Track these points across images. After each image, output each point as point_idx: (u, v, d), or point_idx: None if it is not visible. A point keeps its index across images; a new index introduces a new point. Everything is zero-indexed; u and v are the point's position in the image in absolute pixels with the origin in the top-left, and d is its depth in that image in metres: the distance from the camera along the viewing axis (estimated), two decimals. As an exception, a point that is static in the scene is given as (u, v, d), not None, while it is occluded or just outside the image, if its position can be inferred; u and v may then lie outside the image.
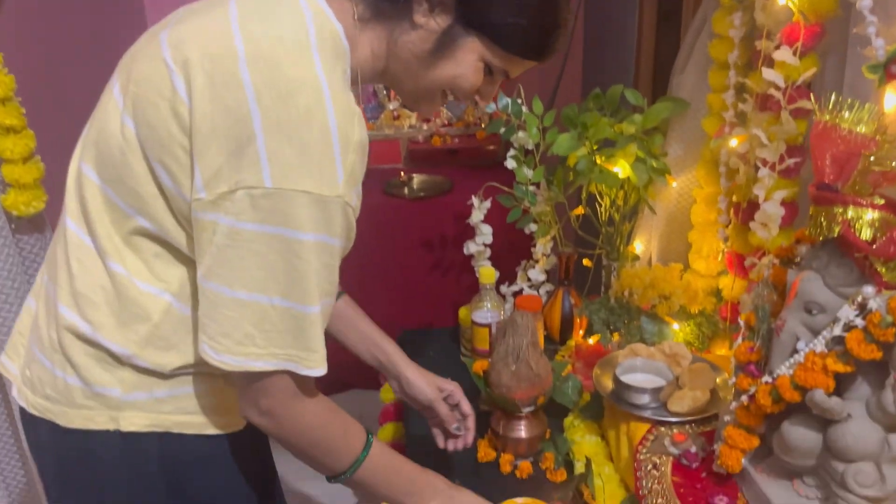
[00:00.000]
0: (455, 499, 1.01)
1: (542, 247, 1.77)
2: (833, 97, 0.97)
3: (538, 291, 1.81)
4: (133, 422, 0.89)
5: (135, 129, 0.81)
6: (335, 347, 1.14)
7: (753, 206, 1.41)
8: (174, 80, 0.78)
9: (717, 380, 1.27)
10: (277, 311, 0.79)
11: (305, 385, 0.85)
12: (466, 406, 1.22)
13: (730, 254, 1.51)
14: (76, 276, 0.87)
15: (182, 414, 0.91)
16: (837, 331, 0.90)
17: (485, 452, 1.33)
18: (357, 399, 2.53)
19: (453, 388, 1.22)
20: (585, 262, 1.78)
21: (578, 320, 1.67)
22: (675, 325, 1.52)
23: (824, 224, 0.91)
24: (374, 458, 0.93)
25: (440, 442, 1.24)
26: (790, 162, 1.25)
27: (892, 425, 0.89)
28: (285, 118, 0.75)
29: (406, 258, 2.25)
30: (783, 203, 1.29)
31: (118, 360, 0.87)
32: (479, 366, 1.35)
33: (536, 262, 1.83)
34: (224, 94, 0.75)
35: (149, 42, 0.85)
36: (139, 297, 0.86)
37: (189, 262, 0.86)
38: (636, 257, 1.70)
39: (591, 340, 1.61)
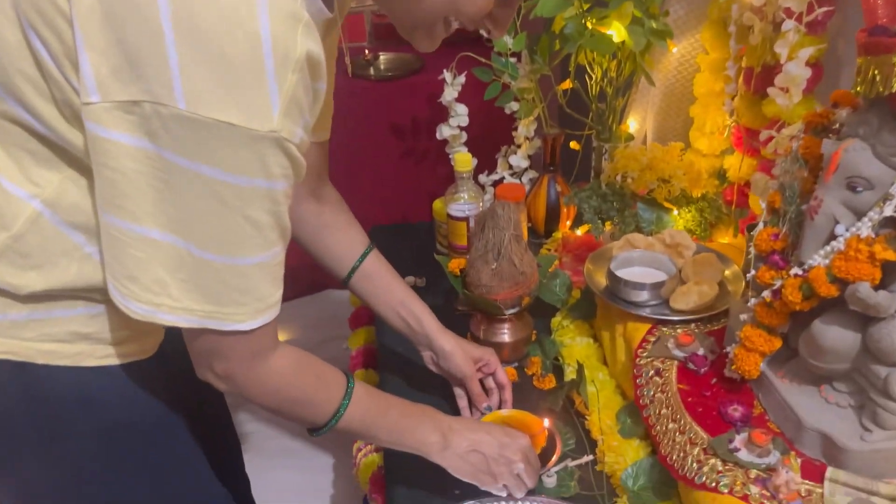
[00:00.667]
0: (455, 429, 0.90)
1: (524, 128, 1.57)
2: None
3: (521, 179, 1.64)
4: (24, 350, 0.73)
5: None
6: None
7: (768, 70, 1.22)
8: None
9: (726, 272, 1.12)
10: (196, 260, 0.64)
11: (264, 339, 0.73)
12: (503, 376, 1.08)
13: (737, 129, 1.33)
14: None
15: (48, 341, 0.74)
16: (889, 210, 0.73)
17: (465, 359, 1.19)
18: (330, 300, 2.40)
19: (489, 356, 1.07)
20: (573, 144, 1.60)
21: (566, 210, 1.50)
22: (675, 212, 1.35)
23: (878, 78, 0.73)
24: (358, 405, 0.84)
25: (466, 416, 1.09)
26: (820, 12, 1.05)
27: (949, 322, 0.74)
28: (202, 19, 0.56)
29: (374, 147, 2.05)
30: (808, 64, 1.09)
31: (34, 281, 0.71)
32: (455, 264, 1.18)
33: (518, 146, 1.64)
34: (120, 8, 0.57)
35: None
36: None
37: (76, 166, 0.68)
38: (630, 137, 1.51)
39: (580, 231, 1.45)
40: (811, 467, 0.80)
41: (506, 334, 1.17)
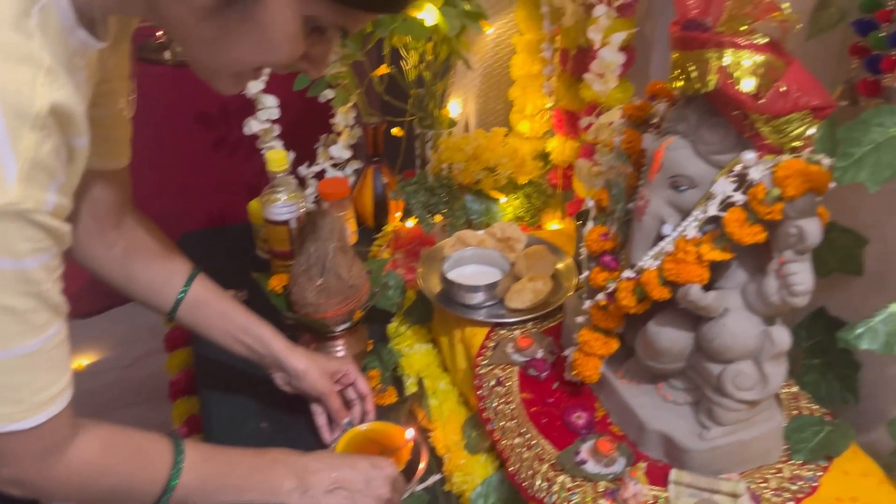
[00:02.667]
0: (312, 469, 0.83)
1: (342, 117, 1.47)
2: None
3: (344, 171, 1.54)
4: None
5: None
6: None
7: (584, 52, 1.20)
8: None
9: (559, 265, 1.10)
10: None
11: (55, 434, 0.64)
12: (363, 385, 1.02)
13: (557, 111, 1.31)
14: None
15: None
16: (713, 210, 0.72)
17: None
18: (141, 314, 2.19)
19: (346, 366, 1.01)
20: (395, 131, 1.52)
21: (395, 203, 1.43)
22: (503, 199, 1.32)
23: (695, 75, 0.71)
24: (192, 474, 0.75)
25: (326, 435, 1.00)
26: (630, -5, 1.03)
27: (773, 316, 0.75)
28: None
29: (179, 142, 1.85)
30: (620, 49, 1.08)
31: None
32: (276, 281, 1.08)
33: (338, 135, 1.54)
34: None
35: None
36: None
37: None
38: (452, 122, 1.46)
39: (411, 223, 1.39)
40: (656, 470, 0.79)
41: (339, 351, 1.09)
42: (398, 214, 1.44)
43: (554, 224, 1.35)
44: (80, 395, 0.65)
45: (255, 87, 1.33)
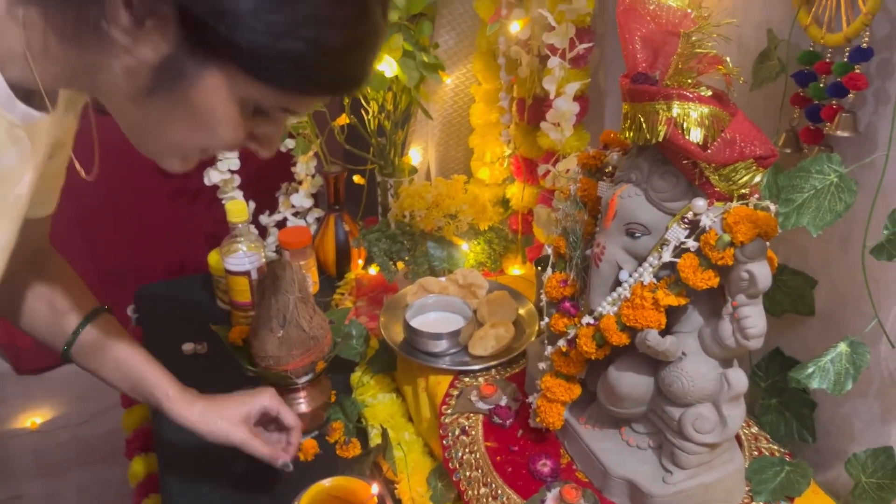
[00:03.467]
0: None
1: (303, 166, 1.48)
2: (640, -38, 0.77)
3: (305, 220, 1.54)
4: None
5: None
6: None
7: (540, 102, 1.23)
8: None
9: (521, 311, 1.11)
10: None
11: None
12: (289, 417, 0.95)
13: (516, 158, 1.34)
14: None
15: None
16: (667, 256, 0.73)
17: (257, 437, 1.07)
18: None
19: (267, 401, 0.93)
20: (357, 179, 1.53)
21: (356, 251, 1.43)
22: (465, 246, 1.33)
23: (645, 126, 0.73)
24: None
25: (278, 457, 0.94)
26: (581, 48, 1.06)
27: (730, 359, 0.76)
28: None
29: (137, 190, 1.83)
30: (574, 98, 1.11)
31: None
32: (236, 333, 1.06)
33: (299, 183, 1.54)
34: None
35: None
36: None
37: None
38: (414, 170, 1.47)
39: (374, 270, 1.39)
40: (621, 517, 0.79)
41: (302, 404, 1.07)
42: (360, 261, 1.45)
43: (515, 269, 1.36)
44: (34, 454, 0.63)
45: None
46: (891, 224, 0.66)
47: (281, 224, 1.53)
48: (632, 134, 0.75)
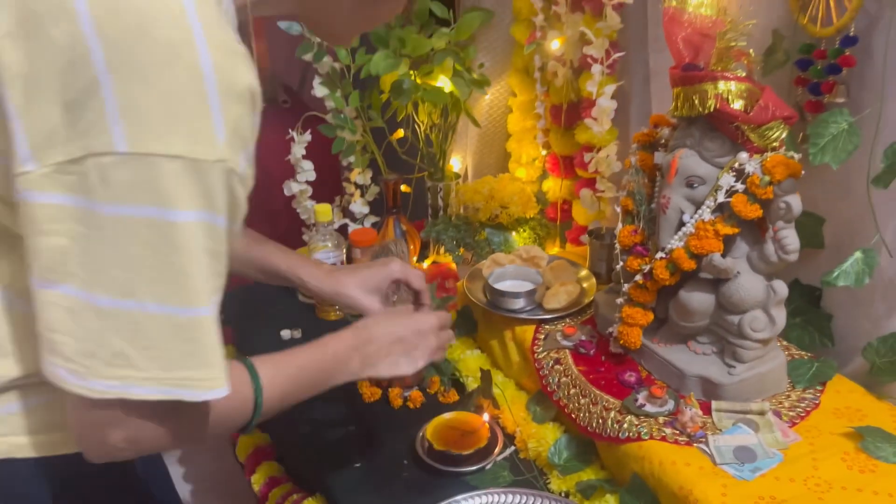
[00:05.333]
0: (368, 338, 0.88)
1: (361, 177, 1.69)
2: (678, -16, 1.03)
3: (363, 224, 1.75)
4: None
5: None
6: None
7: (574, 106, 1.48)
8: None
9: (581, 273, 1.34)
10: (154, 319, 0.59)
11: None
12: (418, 280, 1.02)
13: (551, 157, 1.58)
14: None
15: (19, 434, 0.70)
16: (721, 197, 0.98)
17: (370, 392, 1.27)
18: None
19: (398, 268, 1.01)
20: (404, 187, 1.75)
21: (412, 245, 1.64)
22: (514, 233, 1.56)
23: (697, 101, 0.97)
24: (271, 388, 0.75)
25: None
26: (616, 56, 1.32)
27: (772, 273, 1.00)
28: (139, 57, 0.55)
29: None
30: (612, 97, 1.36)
31: None
32: (350, 304, 1.26)
33: (351, 194, 1.75)
34: (47, 26, 0.55)
35: None
36: None
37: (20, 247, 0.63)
38: (457, 175, 1.71)
39: (426, 263, 1.60)
40: (699, 405, 1.02)
41: (405, 361, 1.27)
42: (414, 257, 1.66)
43: (555, 251, 1.59)
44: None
45: (297, 151, 1.54)
46: (886, 158, 0.91)
47: (341, 229, 1.74)
48: (685, 109, 1.00)
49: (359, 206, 1.72)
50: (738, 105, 0.95)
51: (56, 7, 0.55)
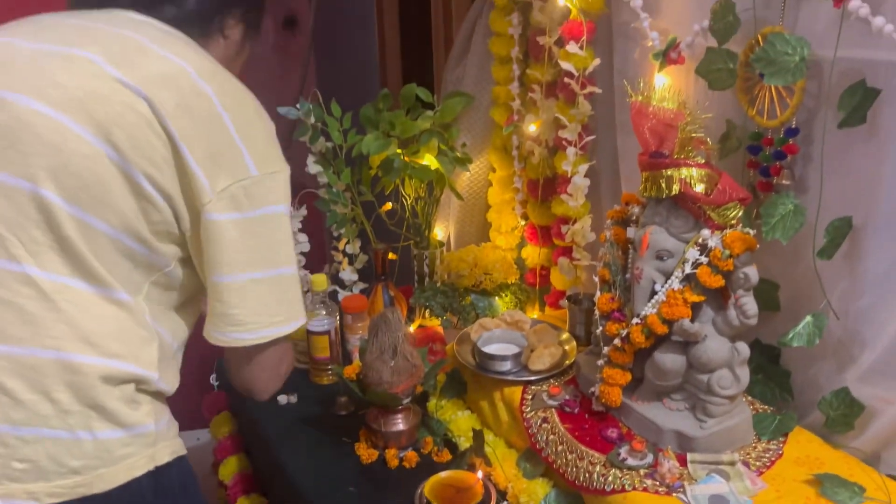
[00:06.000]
0: None
1: (351, 247, 1.79)
2: (642, 83, 1.18)
3: (351, 290, 1.84)
4: (164, 453, 0.90)
5: (110, 148, 0.81)
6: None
7: (549, 181, 1.61)
8: (137, 98, 0.81)
9: (562, 336, 1.44)
10: (285, 278, 0.91)
11: None
12: None
13: (529, 226, 1.71)
14: (75, 318, 0.82)
15: (176, 437, 0.94)
16: (688, 269, 1.10)
17: (367, 454, 1.34)
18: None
19: None
20: (391, 255, 1.85)
21: (417, 308, 1.73)
22: (496, 298, 1.67)
23: (664, 185, 1.11)
24: None
25: None
26: (588, 139, 1.46)
27: (735, 335, 1.12)
28: (246, 117, 0.88)
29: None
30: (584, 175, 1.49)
31: (144, 390, 0.88)
32: (350, 370, 1.35)
33: (340, 262, 1.85)
34: (191, 104, 0.83)
35: (67, 63, 0.82)
36: (142, 319, 0.88)
37: (155, 272, 0.89)
38: (441, 243, 1.82)
39: (413, 327, 1.69)
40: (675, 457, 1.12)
41: (401, 422, 1.36)
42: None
43: (534, 315, 1.70)
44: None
45: (294, 225, 1.64)
46: (827, 233, 1.05)
47: (331, 296, 1.83)
48: (654, 191, 1.13)
49: (348, 273, 1.81)
50: (699, 188, 1.09)
51: (196, 93, 0.84)
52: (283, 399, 1.56)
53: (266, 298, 0.88)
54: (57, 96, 0.80)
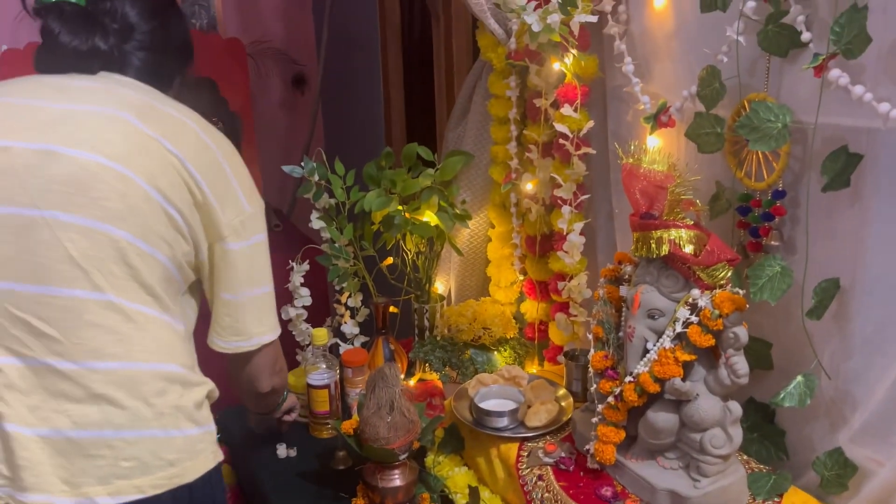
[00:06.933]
0: None
1: (353, 301, 1.82)
2: (634, 145, 1.21)
3: (353, 344, 1.86)
4: (218, 451, 1.05)
5: (158, 193, 0.96)
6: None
7: (546, 238, 1.65)
8: (169, 151, 0.97)
9: (559, 392, 1.46)
10: (269, 294, 1.09)
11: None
12: None
13: (528, 281, 1.73)
14: (156, 336, 0.98)
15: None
16: (679, 328, 1.12)
17: (364, 509, 1.34)
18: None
19: None
20: (392, 308, 1.88)
21: (400, 364, 1.75)
22: (496, 352, 1.68)
23: (654, 245, 1.13)
24: None
25: None
26: (583, 198, 1.50)
27: (727, 395, 1.13)
28: (234, 163, 1.05)
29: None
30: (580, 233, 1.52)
31: (202, 392, 1.03)
32: (347, 425, 1.36)
33: (341, 316, 1.87)
34: (203, 156, 1.01)
35: (110, 122, 0.97)
36: (187, 335, 1.06)
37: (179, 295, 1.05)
38: (441, 297, 1.84)
39: (413, 381, 1.71)
40: (669, 517, 1.12)
41: (397, 479, 1.36)
42: (402, 375, 1.77)
43: (533, 369, 1.72)
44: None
45: (296, 279, 1.67)
46: (816, 295, 1.07)
47: (332, 348, 1.85)
48: (644, 251, 1.15)
49: (349, 326, 1.83)
50: (688, 249, 1.11)
51: (201, 144, 1.01)
52: (282, 452, 1.57)
53: (259, 312, 1.08)
54: (110, 151, 0.94)
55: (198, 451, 0.99)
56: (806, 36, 1.05)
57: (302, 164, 1.64)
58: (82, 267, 0.91)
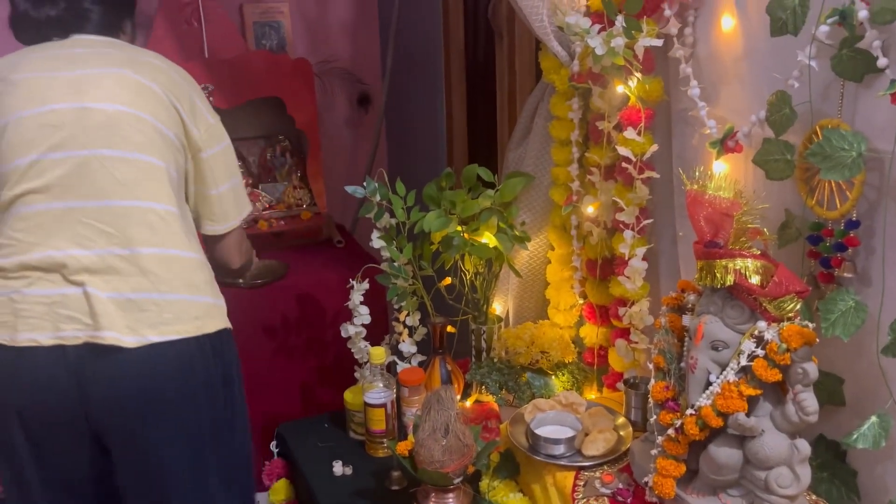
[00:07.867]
0: None
1: (411, 319, 1.83)
2: (699, 170, 1.19)
3: (410, 363, 1.86)
4: (224, 321, 1.32)
5: (161, 124, 1.26)
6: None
7: (608, 261, 1.62)
8: (158, 89, 1.26)
9: (618, 420, 1.43)
10: (240, 179, 1.42)
11: None
12: None
13: (588, 305, 1.71)
14: (182, 227, 1.28)
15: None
16: (743, 361, 1.08)
17: (419, 532, 1.34)
18: None
19: None
20: (449, 328, 1.88)
21: (456, 385, 1.74)
22: (554, 377, 1.66)
23: (718, 275, 1.10)
24: None
25: None
26: (646, 223, 1.47)
27: (795, 432, 1.09)
28: (194, 86, 1.34)
29: (252, 351, 2.15)
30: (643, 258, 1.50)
31: (211, 272, 1.33)
32: (402, 447, 1.37)
33: (399, 334, 1.88)
34: (176, 88, 1.29)
35: (119, 79, 1.25)
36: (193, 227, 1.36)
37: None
38: (500, 319, 1.83)
39: (469, 402, 1.70)
40: (731, 557, 1.08)
41: (452, 502, 1.35)
42: (458, 396, 1.76)
43: (592, 395, 1.69)
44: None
45: (356, 298, 1.69)
46: (892, 331, 1.02)
47: (389, 367, 1.86)
48: (708, 280, 1.12)
49: (407, 345, 1.84)
50: (754, 280, 1.08)
51: (172, 80, 1.30)
52: (338, 469, 1.58)
53: (236, 197, 1.38)
54: (124, 100, 1.24)
55: (213, 315, 1.29)
56: (882, 62, 1.01)
57: (364, 184, 1.66)
58: (125, 185, 1.22)
